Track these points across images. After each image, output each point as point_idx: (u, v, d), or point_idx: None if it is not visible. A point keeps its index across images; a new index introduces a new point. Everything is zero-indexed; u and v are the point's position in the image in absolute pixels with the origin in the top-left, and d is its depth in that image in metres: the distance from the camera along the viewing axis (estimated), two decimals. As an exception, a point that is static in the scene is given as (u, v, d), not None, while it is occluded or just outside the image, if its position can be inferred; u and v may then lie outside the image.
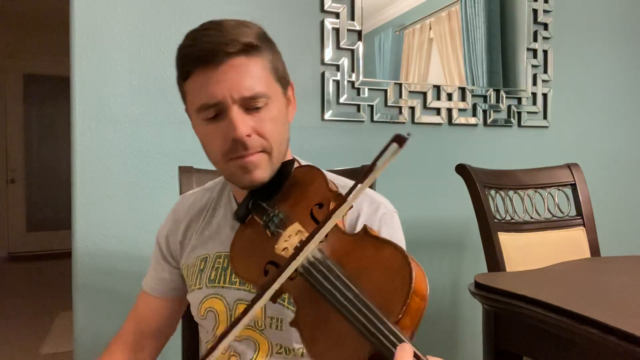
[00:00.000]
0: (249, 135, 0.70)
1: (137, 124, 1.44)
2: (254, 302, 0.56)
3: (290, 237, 0.65)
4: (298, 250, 0.56)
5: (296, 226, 0.66)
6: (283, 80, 0.77)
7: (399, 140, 0.52)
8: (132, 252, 1.42)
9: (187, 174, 1.14)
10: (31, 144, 5.63)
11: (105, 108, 1.40)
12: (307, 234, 0.63)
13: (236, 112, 0.69)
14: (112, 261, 1.41)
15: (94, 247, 1.39)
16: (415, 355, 0.47)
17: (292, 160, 0.78)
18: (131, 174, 1.44)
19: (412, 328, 0.52)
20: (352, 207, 0.61)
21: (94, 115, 1.39)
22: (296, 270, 0.58)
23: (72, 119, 1.39)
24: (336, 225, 0.62)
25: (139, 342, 0.90)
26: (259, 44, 0.72)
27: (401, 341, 0.48)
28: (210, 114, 0.71)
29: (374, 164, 0.55)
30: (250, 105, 0.70)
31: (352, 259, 0.59)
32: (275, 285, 0.55)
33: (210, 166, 1.22)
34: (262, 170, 0.73)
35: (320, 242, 0.60)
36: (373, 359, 0.49)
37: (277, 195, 0.74)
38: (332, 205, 0.65)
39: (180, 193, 1.12)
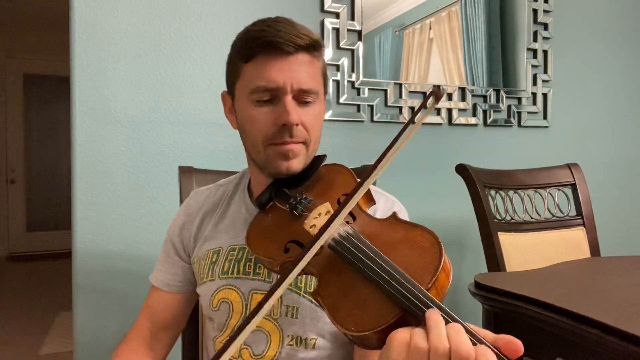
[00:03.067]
0: (297, 124, 0.74)
1: (137, 124, 1.44)
2: (293, 264, 0.57)
3: (320, 215, 0.67)
4: (334, 215, 0.59)
5: (327, 206, 0.69)
6: (326, 85, 0.84)
7: (436, 95, 0.57)
8: (132, 252, 1.42)
9: (187, 174, 1.15)
10: (31, 144, 5.63)
11: (105, 108, 1.40)
12: None
13: (290, 101, 0.74)
14: (112, 261, 1.41)
15: (94, 247, 1.39)
16: (447, 314, 0.50)
17: (324, 156, 0.82)
18: (131, 174, 1.44)
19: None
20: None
21: (94, 115, 1.39)
22: (322, 244, 0.61)
23: (72, 119, 1.39)
24: (364, 212, 0.67)
25: (155, 335, 0.91)
26: (320, 47, 0.79)
27: (433, 303, 0.50)
28: (265, 97, 0.75)
29: (413, 118, 0.59)
30: (302, 98, 0.76)
31: (382, 239, 0.62)
32: (310, 255, 0.57)
33: (209, 166, 1.23)
34: (298, 160, 0.77)
35: (348, 222, 0.63)
36: (398, 323, 0.51)
37: (301, 187, 0.78)
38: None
39: (180, 193, 1.13)
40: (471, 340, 0.47)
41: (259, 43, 0.75)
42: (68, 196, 1.45)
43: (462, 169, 1.48)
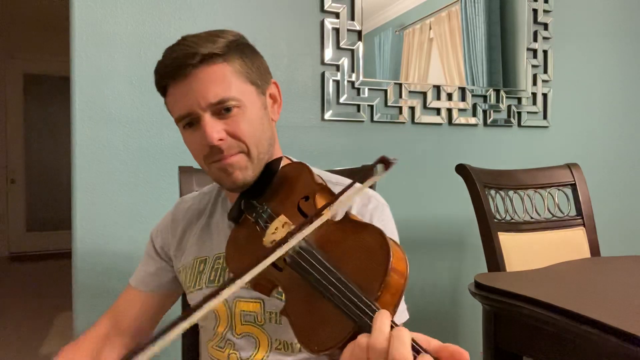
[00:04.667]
0: (221, 140, 0.73)
1: (137, 124, 1.44)
2: (227, 284, 0.54)
3: (277, 230, 0.66)
4: (275, 245, 0.57)
5: (282, 219, 0.67)
6: (259, 81, 0.79)
7: (385, 162, 0.55)
8: (132, 252, 1.42)
9: (187, 174, 1.14)
10: (31, 144, 5.63)
11: (105, 108, 1.40)
12: (293, 226, 0.65)
13: (207, 119, 0.72)
14: (112, 261, 1.40)
15: (94, 247, 1.39)
16: (393, 322, 0.49)
17: (280, 158, 0.80)
18: (131, 174, 1.43)
19: (393, 305, 0.53)
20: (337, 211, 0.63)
21: (94, 115, 1.39)
22: (284, 260, 0.60)
23: (72, 119, 1.38)
24: None
25: (111, 338, 0.89)
26: (223, 52, 0.73)
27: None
28: (186, 122, 0.75)
29: (361, 180, 0.58)
30: (220, 110, 0.73)
31: (335, 244, 0.61)
32: (253, 272, 0.55)
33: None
34: (243, 172, 0.75)
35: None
36: (354, 337, 0.51)
37: (266, 194, 0.76)
38: (317, 198, 0.68)
39: (180, 193, 1.12)
40: (413, 346, 0.47)
41: (161, 77, 0.75)
42: (68, 196, 1.45)
43: (462, 169, 1.48)
